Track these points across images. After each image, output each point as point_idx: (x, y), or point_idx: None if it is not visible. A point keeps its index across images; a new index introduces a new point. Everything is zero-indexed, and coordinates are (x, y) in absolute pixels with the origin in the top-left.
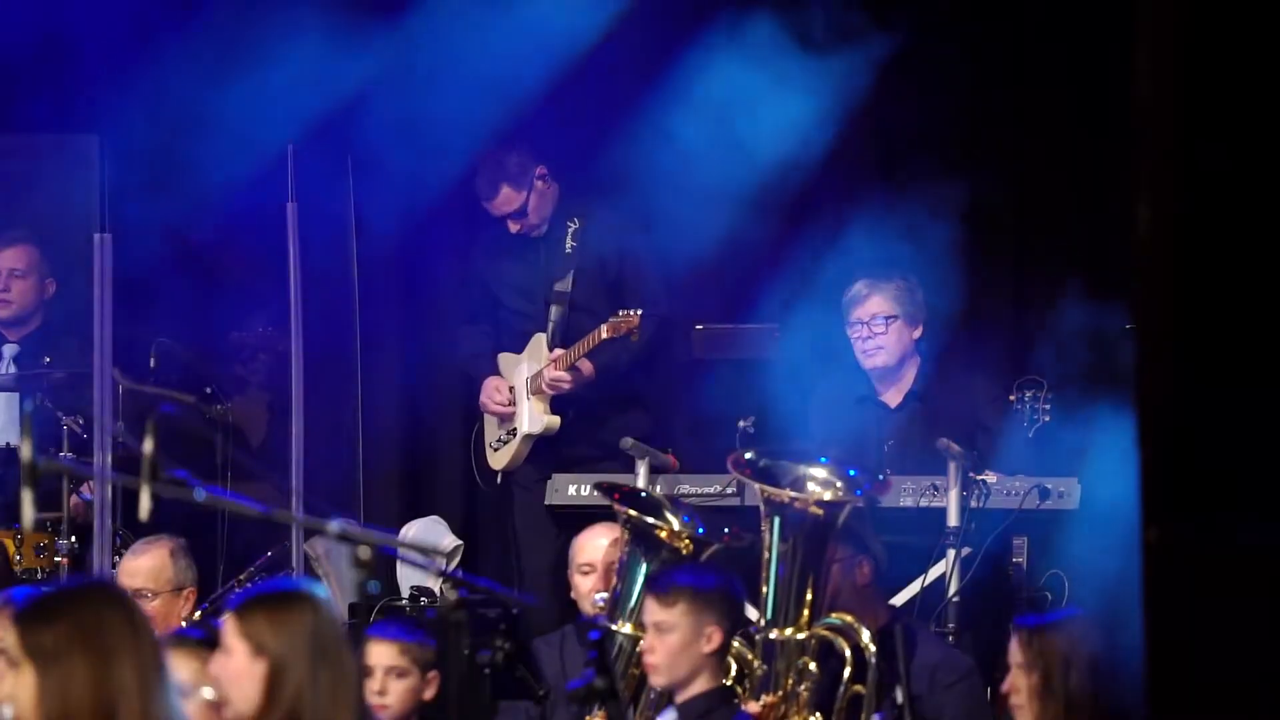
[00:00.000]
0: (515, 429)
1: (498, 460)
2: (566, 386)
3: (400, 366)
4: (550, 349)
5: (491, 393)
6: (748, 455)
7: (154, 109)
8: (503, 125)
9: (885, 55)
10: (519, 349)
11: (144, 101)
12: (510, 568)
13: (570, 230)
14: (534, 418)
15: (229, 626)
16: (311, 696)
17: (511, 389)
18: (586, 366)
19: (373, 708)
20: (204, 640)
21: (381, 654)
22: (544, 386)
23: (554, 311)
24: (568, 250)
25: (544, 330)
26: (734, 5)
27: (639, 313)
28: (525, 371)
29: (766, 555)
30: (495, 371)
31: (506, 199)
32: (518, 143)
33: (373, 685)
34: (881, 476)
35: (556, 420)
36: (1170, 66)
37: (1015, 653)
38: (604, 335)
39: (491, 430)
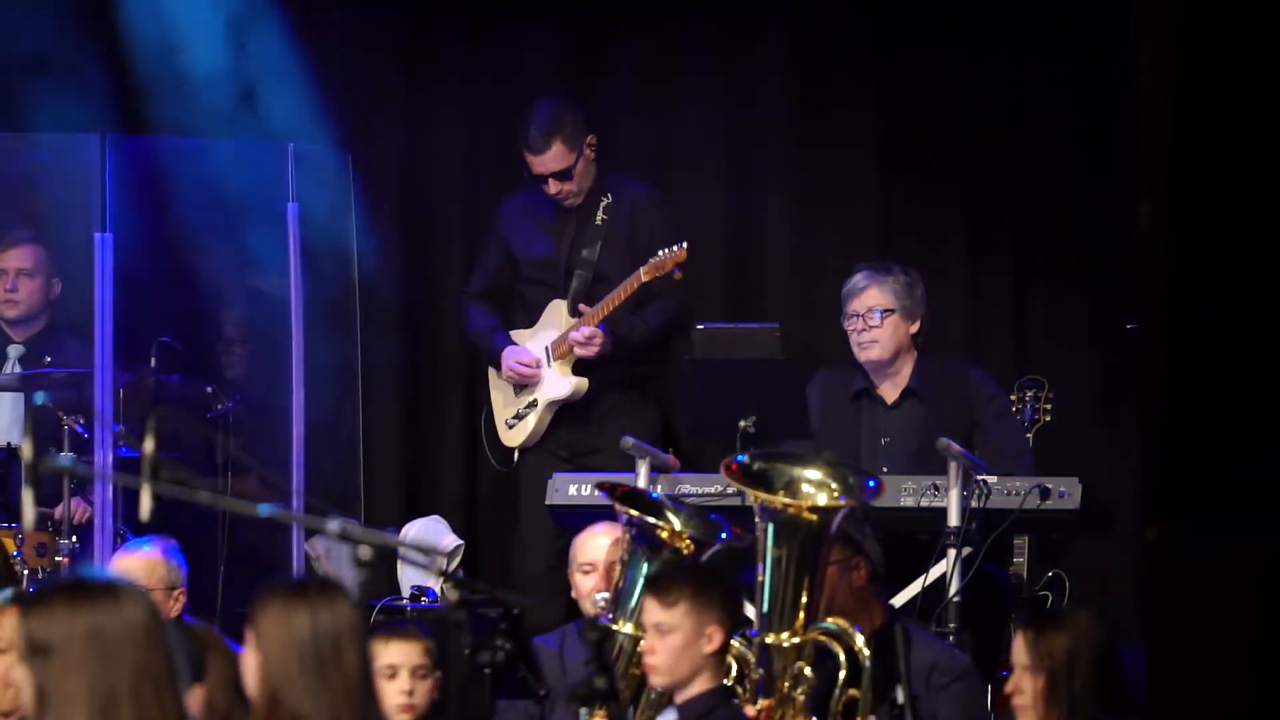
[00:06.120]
0: (535, 400)
1: (513, 437)
2: (597, 345)
3: (400, 365)
4: (572, 313)
5: (514, 361)
6: (740, 459)
7: (156, 109)
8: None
9: (886, 53)
10: (529, 325)
11: (146, 101)
12: (513, 567)
13: (602, 204)
14: (559, 381)
15: (249, 618)
16: (311, 697)
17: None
18: (608, 330)
19: (400, 708)
20: None
21: (409, 653)
22: (575, 349)
23: (577, 279)
24: (598, 223)
25: (561, 298)
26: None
27: (684, 245)
28: (543, 340)
29: (761, 560)
30: (507, 344)
31: (556, 156)
32: (572, 103)
33: (400, 685)
34: (873, 482)
35: (584, 381)
36: (1170, 65)
37: (1020, 653)
38: (643, 278)
39: (505, 407)
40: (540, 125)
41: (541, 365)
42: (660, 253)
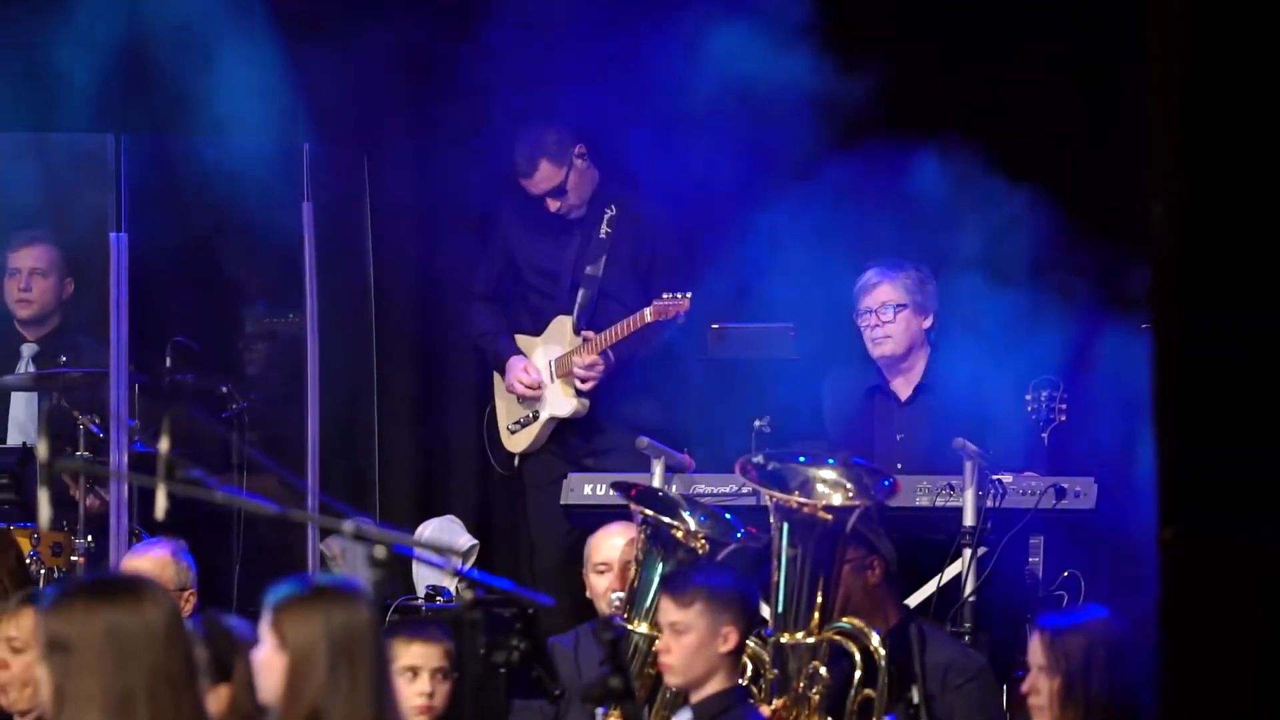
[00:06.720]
0: (538, 411)
1: (516, 443)
2: (598, 373)
3: (415, 365)
4: (576, 332)
5: (520, 373)
6: (755, 459)
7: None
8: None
9: (887, 52)
10: (534, 329)
11: (161, 101)
12: (524, 566)
13: (606, 216)
14: (562, 400)
15: (264, 616)
16: (331, 696)
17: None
18: (610, 356)
19: (419, 709)
20: None
21: (430, 655)
22: (578, 377)
23: (581, 295)
24: (602, 235)
25: (566, 313)
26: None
27: (689, 295)
28: (546, 354)
29: (776, 560)
30: (513, 350)
31: (546, 175)
32: (556, 121)
33: (420, 687)
34: (888, 482)
35: (586, 403)
36: (1181, 63)
37: (1037, 654)
38: (648, 318)
39: (509, 412)
40: (523, 151)
41: (544, 382)
42: (665, 296)
